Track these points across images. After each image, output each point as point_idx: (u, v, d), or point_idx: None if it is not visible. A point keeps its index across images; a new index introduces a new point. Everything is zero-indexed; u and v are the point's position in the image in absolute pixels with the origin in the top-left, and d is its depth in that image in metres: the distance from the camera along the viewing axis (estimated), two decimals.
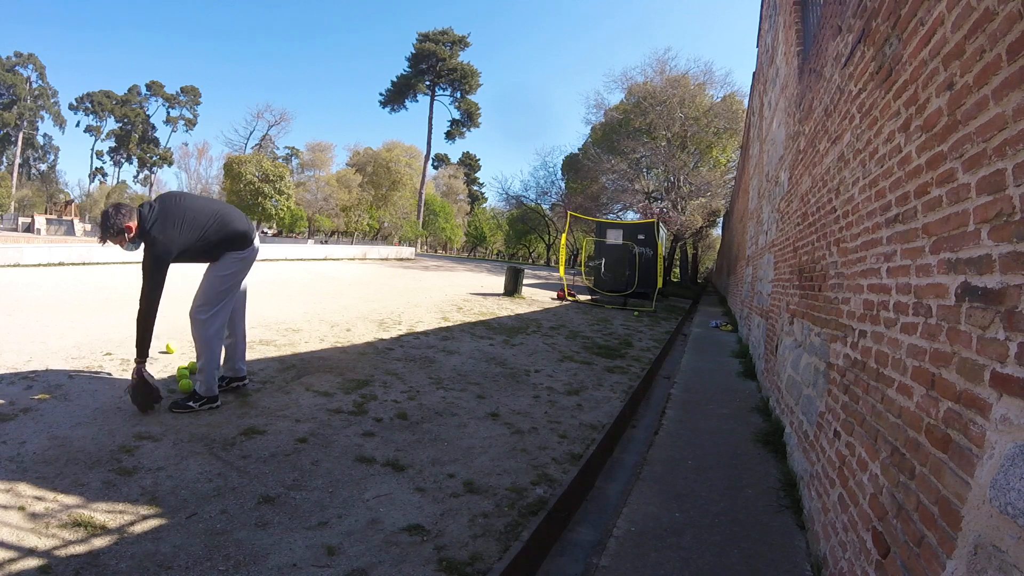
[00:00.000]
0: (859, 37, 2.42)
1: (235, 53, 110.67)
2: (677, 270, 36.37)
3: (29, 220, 37.08)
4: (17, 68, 57.93)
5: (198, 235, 3.17)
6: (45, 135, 64.73)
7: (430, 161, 52.77)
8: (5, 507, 2.07)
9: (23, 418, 2.85)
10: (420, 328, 6.90)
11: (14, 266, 9.83)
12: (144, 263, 3.05)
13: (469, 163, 70.26)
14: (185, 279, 3.26)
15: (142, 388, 3.04)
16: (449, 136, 54.80)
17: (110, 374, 3.77)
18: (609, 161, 25.64)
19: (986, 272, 1.21)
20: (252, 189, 29.93)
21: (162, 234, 3.05)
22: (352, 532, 2.13)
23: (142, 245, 3.10)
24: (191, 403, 3.18)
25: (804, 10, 5.18)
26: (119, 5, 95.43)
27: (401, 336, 6.22)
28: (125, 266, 11.23)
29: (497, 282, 15.12)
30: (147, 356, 3.09)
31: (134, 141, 64.44)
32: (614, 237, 14.99)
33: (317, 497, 2.37)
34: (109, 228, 3.04)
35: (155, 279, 3.05)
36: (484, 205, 65.05)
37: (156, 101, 66.44)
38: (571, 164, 34.89)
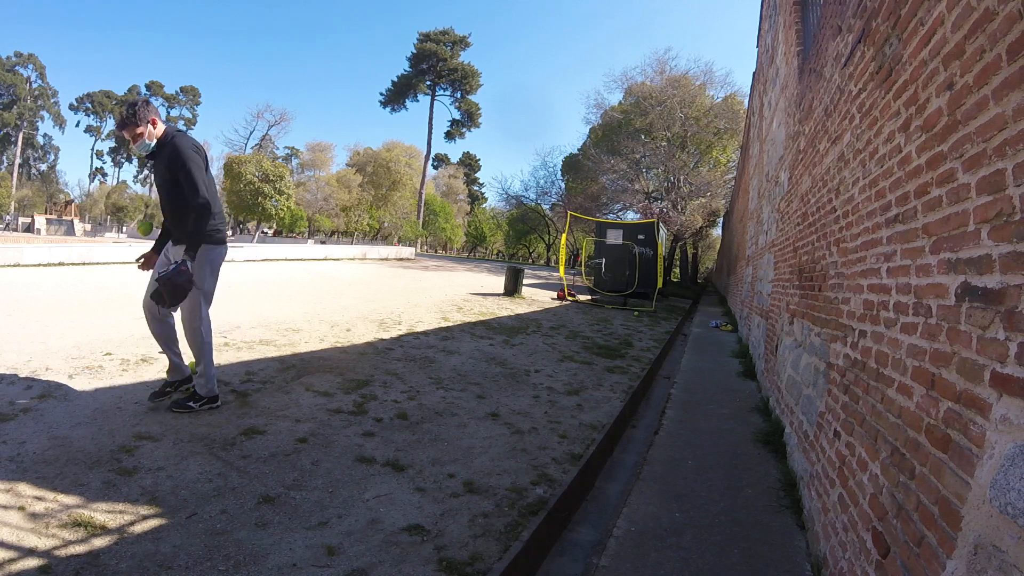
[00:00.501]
0: (859, 37, 2.42)
1: (235, 53, 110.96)
2: (677, 270, 36.36)
3: (29, 220, 37.14)
4: (17, 68, 57.94)
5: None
6: (45, 135, 64.81)
7: (430, 161, 52.72)
8: (5, 507, 2.07)
9: (23, 418, 2.85)
10: (420, 328, 6.90)
11: (14, 266, 9.83)
12: (189, 178, 2.99)
13: (469, 163, 70.25)
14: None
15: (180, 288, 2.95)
16: (449, 136, 54.79)
17: (111, 374, 3.77)
18: (609, 161, 25.63)
19: (986, 272, 1.21)
20: (252, 189, 29.93)
21: (182, 143, 3.03)
22: (352, 532, 2.13)
23: (149, 152, 3.06)
24: (191, 403, 3.18)
25: (804, 10, 5.18)
26: (119, 5, 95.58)
27: (401, 336, 6.22)
28: (125, 266, 11.24)
29: (497, 282, 15.12)
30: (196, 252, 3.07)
31: None
32: (614, 237, 14.99)
33: (317, 497, 2.37)
34: (135, 115, 2.97)
35: (201, 179, 3.01)
36: (484, 205, 65.02)
37: (156, 101, 66.41)
38: (571, 164, 34.86)
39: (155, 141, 3.07)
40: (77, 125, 66.23)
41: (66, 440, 2.65)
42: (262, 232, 38.64)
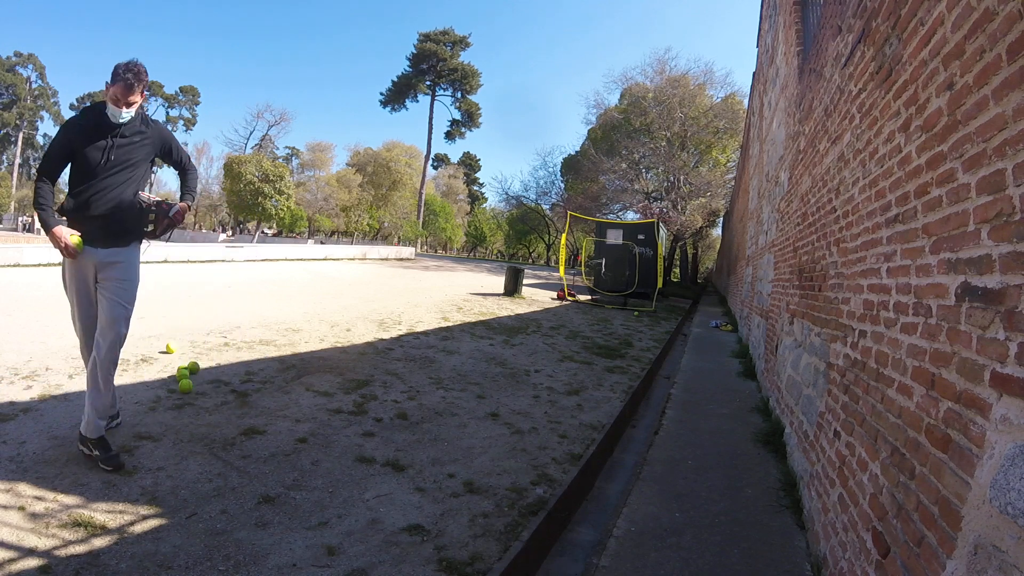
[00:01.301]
0: (859, 37, 2.42)
1: (235, 53, 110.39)
2: (677, 270, 36.35)
3: (29, 220, 37.10)
4: (17, 68, 57.90)
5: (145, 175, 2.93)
6: (45, 135, 64.69)
7: (430, 161, 52.66)
8: (5, 507, 2.06)
9: (23, 418, 2.86)
10: (420, 328, 6.90)
11: (14, 266, 9.82)
12: (183, 152, 3.04)
13: (469, 163, 70.18)
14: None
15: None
16: (449, 136, 54.73)
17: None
18: (608, 161, 25.63)
19: (986, 272, 1.21)
20: (252, 189, 29.90)
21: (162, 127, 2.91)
22: (352, 532, 2.13)
23: (126, 119, 2.61)
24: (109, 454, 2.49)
25: (804, 10, 5.19)
26: (119, 5, 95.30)
27: (401, 336, 6.22)
28: None
29: (497, 282, 15.11)
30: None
31: None
32: (614, 237, 14.99)
33: (317, 497, 2.37)
34: (139, 79, 2.55)
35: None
36: (484, 205, 65.00)
37: (155, 101, 66.41)
38: (571, 164, 34.86)
39: (131, 117, 2.68)
40: None
41: (66, 440, 2.65)
42: (262, 232, 38.61)
